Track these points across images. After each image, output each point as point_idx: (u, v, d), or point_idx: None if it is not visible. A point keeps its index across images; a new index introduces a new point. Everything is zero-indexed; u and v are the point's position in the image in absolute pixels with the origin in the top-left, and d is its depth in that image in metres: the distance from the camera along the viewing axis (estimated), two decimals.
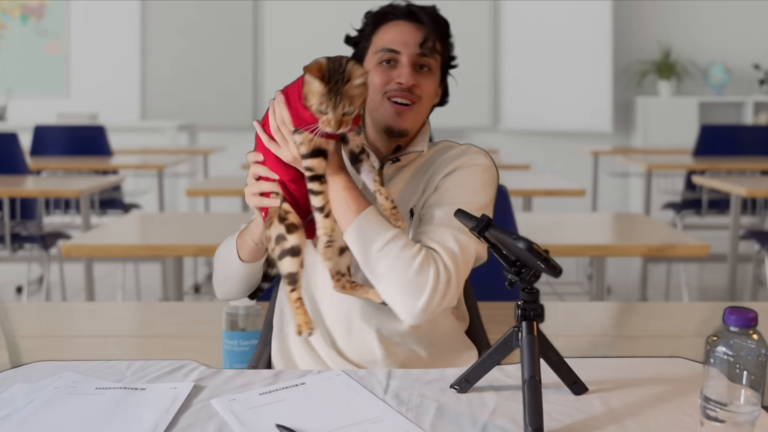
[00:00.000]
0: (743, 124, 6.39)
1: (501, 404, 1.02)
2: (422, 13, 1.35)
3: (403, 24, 1.35)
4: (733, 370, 0.84)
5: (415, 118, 1.34)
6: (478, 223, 1.03)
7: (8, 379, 1.13)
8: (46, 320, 2.11)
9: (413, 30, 1.34)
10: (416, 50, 1.32)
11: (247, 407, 1.01)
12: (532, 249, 0.95)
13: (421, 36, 1.33)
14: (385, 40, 1.34)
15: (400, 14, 1.35)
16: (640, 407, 1.02)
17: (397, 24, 1.35)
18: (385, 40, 1.34)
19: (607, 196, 6.44)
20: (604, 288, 3.19)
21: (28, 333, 1.89)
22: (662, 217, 4.87)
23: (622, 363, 1.21)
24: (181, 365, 1.17)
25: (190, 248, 2.40)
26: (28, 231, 3.66)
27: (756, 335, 0.84)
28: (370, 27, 1.37)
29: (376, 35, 1.36)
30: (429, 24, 1.34)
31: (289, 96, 1.16)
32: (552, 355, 1.05)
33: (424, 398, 1.04)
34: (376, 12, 1.38)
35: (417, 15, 1.35)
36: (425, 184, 1.34)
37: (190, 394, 1.05)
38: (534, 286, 1.02)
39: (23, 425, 0.97)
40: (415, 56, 1.32)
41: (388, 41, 1.34)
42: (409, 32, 1.34)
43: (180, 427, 0.96)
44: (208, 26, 6.76)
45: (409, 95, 1.31)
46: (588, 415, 1.00)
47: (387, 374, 1.13)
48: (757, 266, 4.07)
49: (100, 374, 1.14)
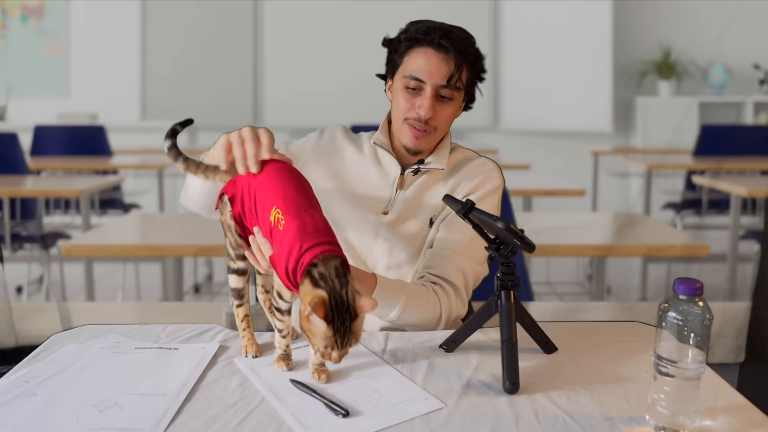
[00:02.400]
0: (743, 124, 6.39)
1: (483, 362, 1.17)
2: (452, 47, 1.38)
3: (433, 54, 1.39)
4: (682, 332, 0.94)
5: (430, 142, 1.44)
6: (462, 206, 1.19)
7: (60, 340, 1.28)
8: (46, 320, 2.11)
9: (441, 62, 1.39)
10: (441, 82, 1.39)
11: (265, 365, 1.16)
12: (509, 228, 1.10)
13: (447, 70, 1.39)
14: (414, 68, 1.40)
15: (431, 43, 1.39)
16: (603, 364, 1.17)
17: (426, 52, 1.40)
18: (414, 67, 1.40)
19: (607, 196, 6.44)
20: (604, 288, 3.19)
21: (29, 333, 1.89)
22: (662, 217, 4.87)
23: (588, 326, 1.39)
24: (208, 328, 1.33)
25: (190, 248, 2.40)
26: (28, 231, 3.66)
27: (701, 302, 0.94)
28: (404, 47, 1.42)
29: (407, 56, 1.42)
30: (457, 58, 1.39)
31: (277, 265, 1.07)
32: (526, 319, 1.21)
33: (416, 356, 1.20)
34: (411, 35, 1.42)
35: (447, 48, 1.38)
36: None
37: (216, 353, 1.21)
38: (511, 261, 1.15)
39: (73, 380, 1.10)
40: (439, 88, 1.39)
41: (416, 69, 1.40)
42: (436, 64, 1.39)
43: (207, 381, 1.10)
44: (208, 26, 6.76)
45: (425, 125, 1.41)
46: (558, 371, 1.15)
47: (385, 336, 1.29)
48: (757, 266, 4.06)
49: (139, 336, 1.30)
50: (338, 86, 6.53)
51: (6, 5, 6.83)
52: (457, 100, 1.42)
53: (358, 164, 1.48)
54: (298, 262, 1.00)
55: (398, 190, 1.46)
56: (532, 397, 1.03)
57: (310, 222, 1.04)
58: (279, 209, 1.07)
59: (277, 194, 1.09)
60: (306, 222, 1.04)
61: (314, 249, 1.00)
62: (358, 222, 1.45)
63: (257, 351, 1.19)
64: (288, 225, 1.04)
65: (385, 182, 1.46)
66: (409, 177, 1.46)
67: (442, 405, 1.01)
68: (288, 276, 1.03)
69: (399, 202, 1.45)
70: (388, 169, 1.47)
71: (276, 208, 1.07)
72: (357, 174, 1.47)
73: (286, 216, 1.05)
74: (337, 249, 1.02)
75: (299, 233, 1.02)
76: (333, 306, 0.96)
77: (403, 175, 1.46)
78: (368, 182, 1.46)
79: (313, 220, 1.05)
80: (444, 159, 1.46)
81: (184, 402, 1.03)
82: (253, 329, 1.22)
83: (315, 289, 0.97)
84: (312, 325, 0.97)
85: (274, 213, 1.07)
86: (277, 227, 1.06)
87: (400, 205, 1.45)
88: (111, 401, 1.03)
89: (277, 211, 1.07)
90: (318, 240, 1.01)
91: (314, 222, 1.04)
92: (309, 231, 1.03)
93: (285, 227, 1.05)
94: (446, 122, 1.44)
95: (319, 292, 0.96)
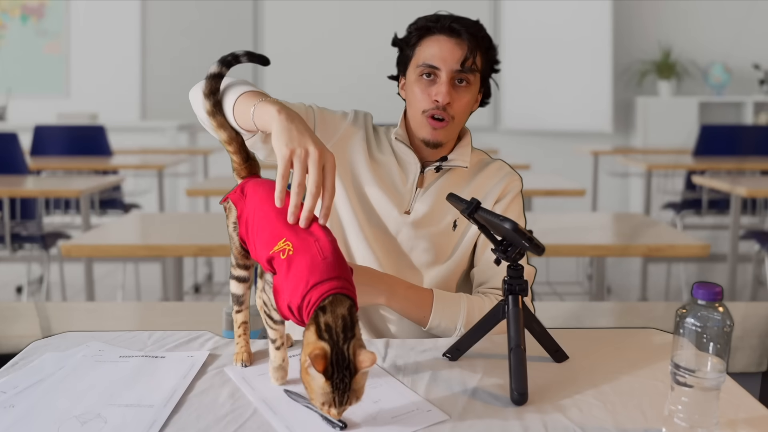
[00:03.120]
0: (743, 124, 6.39)
1: (489, 371, 1.11)
2: (464, 30, 1.38)
3: (445, 40, 1.39)
4: (701, 339, 0.89)
5: (449, 133, 1.42)
6: (468, 205, 1.12)
7: (39, 348, 1.21)
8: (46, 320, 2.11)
9: (454, 47, 1.38)
10: (456, 67, 1.38)
11: (257, 374, 1.10)
12: (518, 229, 1.03)
13: (461, 54, 1.38)
14: (427, 55, 1.39)
15: (443, 30, 1.39)
16: (616, 374, 1.10)
17: (439, 39, 1.39)
18: (427, 55, 1.39)
19: (607, 196, 6.44)
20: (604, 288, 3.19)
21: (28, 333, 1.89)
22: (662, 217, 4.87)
23: (600, 333, 1.32)
24: (197, 335, 1.27)
25: (190, 248, 2.39)
26: (28, 231, 3.66)
27: (721, 308, 0.89)
28: (415, 38, 1.42)
29: (419, 47, 1.41)
30: (470, 41, 1.38)
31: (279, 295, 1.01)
32: (535, 326, 1.14)
33: (419, 365, 1.13)
34: (421, 25, 1.41)
35: (459, 32, 1.38)
36: None
37: (205, 361, 1.15)
38: (519, 264, 1.09)
39: (53, 390, 1.04)
40: (454, 73, 1.38)
41: (429, 57, 1.39)
42: (450, 49, 1.38)
43: (196, 392, 1.05)
44: (208, 26, 6.76)
45: (443, 113, 1.38)
46: (568, 380, 1.08)
47: (385, 343, 1.23)
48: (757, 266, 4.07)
49: (123, 343, 1.23)
50: (338, 86, 6.53)
51: (6, 5, 6.83)
52: (473, 85, 1.40)
53: (381, 159, 1.45)
54: (303, 299, 0.94)
55: (418, 188, 1.43)
56: (541, 409, 0.99)
57: (318, 253, 0.97)
58: (289, 241, 1.00)
59: (283, 222, 1.02)
60: (314, 253, 0.97)
61: (322, 285, 0.94)
62: (376, 220, 1.42)
63: (248, 360, 1.14)
64: (295, 256, 0.98)
65: (405, 179, 1.44)
66: (429, 176, 1.44)
67: (445, 417, 0.96)
68: (291, 311, 0.97)
69: (420, 202, 1.43)
70: (408, 167, 1.44)
71: (286, 240, 1.00)
72: (379, 169, 1.44)
73: (295, 245, 0.99)
74: (347, 286, 0.96)
75: (308, 267, 0.96)
76: (333, 361, 0.91)
77: (424, 173, 1.44)
78: (389, 179, 1.44)
79: (322, 249, 0.98)
80: (467, 157, 1.45)
81: (172, 414, 0.98)
82: (252, 330, 1.19)
83: (318, 341, 0.91)
84: (311, 379, 0.91)
85: (281, 244, 1.00)
86: (279, 255, 0.99)
87: (421, 205, 1.42)
88: (94, 413, 0.98)
89: (287, 243, 1.00)
90: (327, 275, 0.95)
91: (323, 251, 0.97)
92: (317, 262, 0.96)
93: (290, 258, 0.98)
94: (464, 111, 1.41)
95: (320, 344, 0.91)
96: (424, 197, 1.43)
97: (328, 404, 0.92)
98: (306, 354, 0.92)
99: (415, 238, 1.42)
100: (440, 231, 1.42)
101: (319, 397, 0.92)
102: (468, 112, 1.43)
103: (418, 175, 1.43)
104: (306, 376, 0.93)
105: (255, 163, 1.20)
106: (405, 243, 1.42)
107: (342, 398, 0.91)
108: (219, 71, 1.20)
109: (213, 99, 1.19)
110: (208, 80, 1.20)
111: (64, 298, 4.05)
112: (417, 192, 1.43)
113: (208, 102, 1.19)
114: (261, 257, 1.04)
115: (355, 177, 1.44)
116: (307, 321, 0.94)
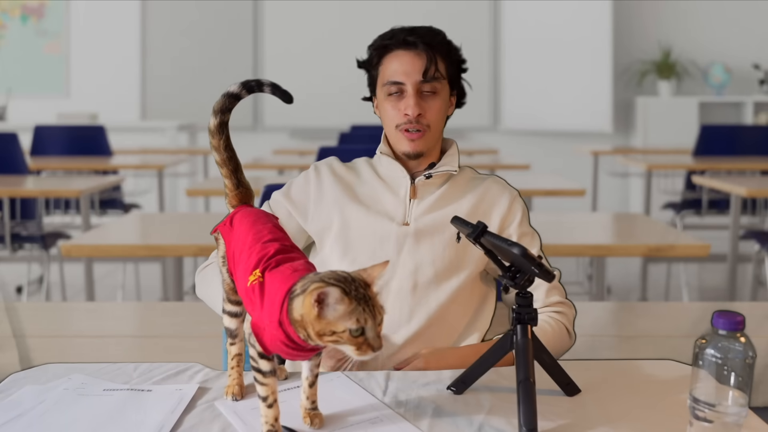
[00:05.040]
0: (743, 124, 6.39)
1: (496, 405, 1.04)
2: (419, 40, 1.39)
3: (404, 54, 1.40)
4: (721, 371, 0.85)
5: (428, 141, 1.42)
6: (474, 229, 1.06)
7: (18, 380, 1.15)
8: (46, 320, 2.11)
9: (414, 59, 1.39)
10: (419, 78, 1.39)
11: (250, 408, 1.03)
12: (527, 255, 0.97)
13: (421, 64, 1.39)
14: (389, 73, 1.41)
15: (399, 44, 1.40)
16: (631, 408, 1.04)
17: (397, 54, 1.41)
18: (389, 72, 1.41)
19: (607, 196, 6.44)
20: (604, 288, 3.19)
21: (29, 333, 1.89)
22: (662, 217, 4.87)
23: (614, 365, 1.24)
24: (186, 367, 1.19)
25: (190, 248, 2.39)
26: (28, 231, 3.66)
27: (743, 338, 0.85)
28: (376, 58, 1.44)
29: (381, 66, 1.43)
30: (427, 51, 1.39)
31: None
32: (546, 357, 1.07)
33: (421, 399, 1.06)
34: (378, 44, 1.43)
35: (415, 44, 1.39)
36: (474, 216, 1.37)
37: (194, 395, 1.08)
38: (528, 291, 1.03)
39: (33, 426, 0.98)
40: (419, 84, 1.39)
41: (391, 73, 1.40)
42: (409, 62, 1.39)
43: (185, 427, 0.98)
44: (208, 26, 6.77)
45: (416, 125, 1.39)
46: (580, 415, 1.02)
47: (386, 376, 1.16)
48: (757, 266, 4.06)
49: (107, 376, 1.16)
50: (338, 86, 6.52)
51: (6, 5, 6.83)
52: (441, 92, 1.41)
53: (364, 187, 1.45)
54: (282, 307, 0.88)
55: (412, 199, 1.42)
56: None
57: (288, 267, 0.93)
58: (258, 270, 0.95)
59: (253, 251, 0.97)
60: (285, 268, 0.93)
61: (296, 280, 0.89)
62: (378, 238, 1.39)
63: (240, 393, 1.07)
64: (266, 275, 0.93)
65: (397, 194, 1.43)
66: (423, 186, 1.42)
67: None
68: (279, 342, 0.90)
69: (418, 213, 1.41)
70: (397, 182, 1.43)
71: (256, 270, 0.95)
72: (366, 195, 1.43)
73: (266, 272, 0.94)
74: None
75: (281, 279, 0.91)
76: (338, 281, 0.84)
77: (415, 184, 1.42)
78: (380, 198, 1.43)
79: (295, 266, 0.93)
80: (455, 163, 1.44)
81: None
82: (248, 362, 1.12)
83: (311, 290, 0.85)
84: (330, 324, 0.84)
85: (252, 277, 0.95)
86: (252, 288, 0.94)
87: (420, 214, 1.40)
88: None
89: (256, 273, 0.95)
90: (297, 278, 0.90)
91: (294, 266, 0.93)
92: (288, 275, 0.91)
93: (261, 283, 0.93)
94: (437, 117, 1.41)
95: (313, 285, 0.85)
96: (421, 207, 1.41)
97: (362, 320, 0.84)
98: (309, 304, 0.85)
99: (419, 254, 1.38)
100: (444, 246, 1.38)
101: (346, 325, 0.84)
102: (443, 118, 1.43)
103: (409, 186, 1.42)
104: (324, 325, 0.84)
105: (247, 192, 1.15)
106: (408, 258, 1.38)
107: (373, 312, 0.85)
108: (238, 93, 1.15)
109: (220, 118, 1.15)
110: (224, 98, 1.16)
111: (64, 298, 4.05)
112: (412, 202, 1.42)
113: (215, 119, 1.16)
114: (241, 295, 1.00)
115: (347, 208, 1.42)
116: (288, 317, 0.88)
